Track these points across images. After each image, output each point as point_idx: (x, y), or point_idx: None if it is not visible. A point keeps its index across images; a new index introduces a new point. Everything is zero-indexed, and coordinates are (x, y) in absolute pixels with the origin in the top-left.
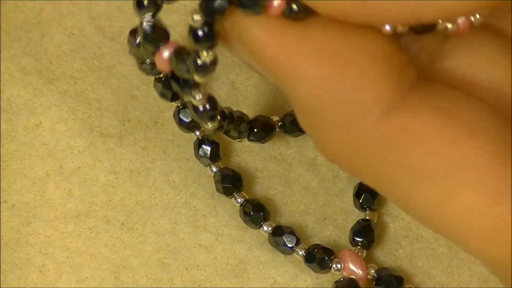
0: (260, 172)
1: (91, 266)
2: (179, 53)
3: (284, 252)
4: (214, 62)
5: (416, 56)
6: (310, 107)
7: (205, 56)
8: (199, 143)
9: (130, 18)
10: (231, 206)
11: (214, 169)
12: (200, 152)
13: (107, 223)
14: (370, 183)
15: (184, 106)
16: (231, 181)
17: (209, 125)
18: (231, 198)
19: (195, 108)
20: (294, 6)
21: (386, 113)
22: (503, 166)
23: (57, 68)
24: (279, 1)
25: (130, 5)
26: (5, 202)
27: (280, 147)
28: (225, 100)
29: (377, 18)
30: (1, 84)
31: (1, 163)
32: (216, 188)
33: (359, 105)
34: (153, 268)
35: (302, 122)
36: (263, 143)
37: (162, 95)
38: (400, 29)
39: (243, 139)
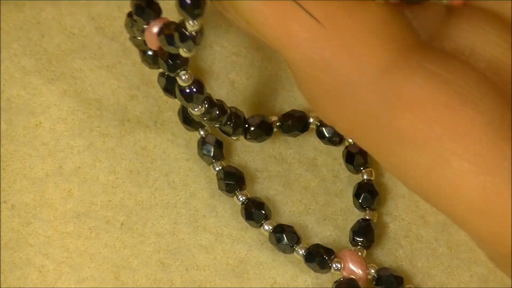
0: (260, 172)
1: (91, 266)
2: (167, 27)
3: (284, 251)
4: (200, 33)
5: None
6: (305, 70)
7: (191, 26)
8: (203, 141)
9: None
10: (231, 206)
11: (217, 168)
12: (204, 150)
13: (107, 223)
14: (364, 146)
15: None
16: (234, 179)
17: (195, 110)
18: (233, 196)
19: (181, 90)
20: None
21: (380, 76)
22: (497, 138)
23: (57, 68)
24: None
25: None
26: (5, 202)
27: (280, 147)
28: (225, 100)
29: None
30: (1, 84)
31: (1, 163)
32: (218, 185)
33: (353, 67)
34: (153, 268)
35: (298, 85)
36: (260, 142)
37: (166, 90)
38: None
39: (240, 137)
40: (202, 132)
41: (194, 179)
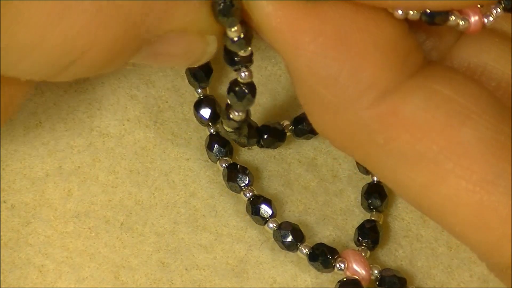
0: (260, 172)
1: (90, 266)
2: None
3: (288, 248)
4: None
5: (427, 54)
6: (307, 81)
7: (232, 32)
8: (210, 139)
9: None
10: (230, 206)
11: (224, 165)
12: (213, 147)
13: (107, 223)
14: (360, 161)
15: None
16: (243, 174)
17: (243, 52)
18: (240, 192)
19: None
20: None
21: (381, 96)
22: (494, 155)
23: None
24: None
25: None
26: (4, 202)
27: (279, 147)
28: (225, 100)
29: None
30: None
31: (1, 163)
32: (227, 178)
33: (355, 86)
34: (153, 268)
35: (298, 92)
36: (275, 149)
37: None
38: (411, 15)
39: (252, 146)
40: (212, 130)
41: (194, 179)
